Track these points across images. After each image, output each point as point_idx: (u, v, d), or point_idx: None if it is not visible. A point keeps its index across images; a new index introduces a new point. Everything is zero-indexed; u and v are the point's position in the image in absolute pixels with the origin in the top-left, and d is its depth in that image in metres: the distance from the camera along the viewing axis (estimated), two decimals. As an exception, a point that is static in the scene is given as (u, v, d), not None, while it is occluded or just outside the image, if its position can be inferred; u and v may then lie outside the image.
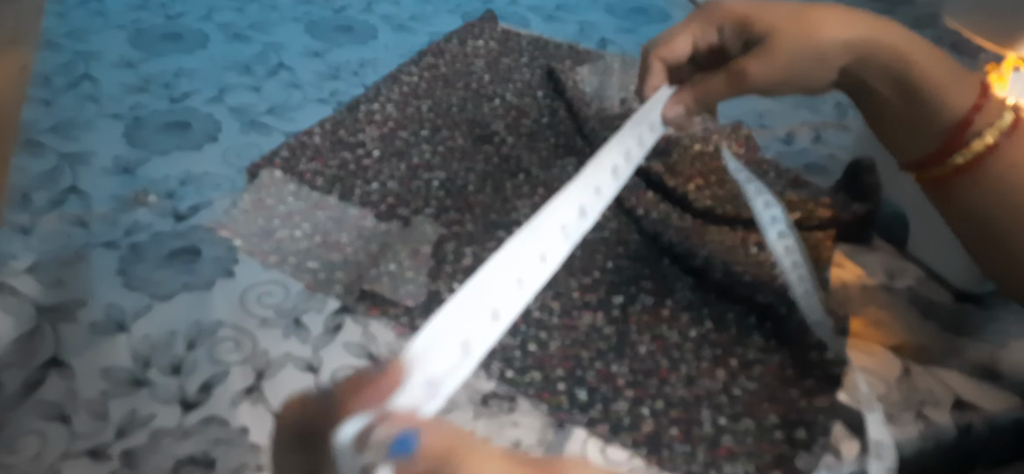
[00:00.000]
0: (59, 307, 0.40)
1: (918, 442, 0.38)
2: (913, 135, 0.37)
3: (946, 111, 0.35)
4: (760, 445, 0.36)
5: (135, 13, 0.71)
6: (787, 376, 0.40)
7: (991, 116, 0.35)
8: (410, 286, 0.43)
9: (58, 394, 0.36)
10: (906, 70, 0.35)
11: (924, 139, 0.36)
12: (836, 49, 0.36)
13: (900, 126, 0.37)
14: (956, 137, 0.35)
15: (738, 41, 0.38)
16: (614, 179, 0.34)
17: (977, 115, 0.35)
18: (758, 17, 0.37)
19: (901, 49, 0.36)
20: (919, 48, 0.36)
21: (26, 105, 0.56)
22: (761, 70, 0.36)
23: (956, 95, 0.35)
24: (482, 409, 0.37)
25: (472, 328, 0.24)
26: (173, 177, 0.51)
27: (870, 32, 0.36)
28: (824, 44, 0.36)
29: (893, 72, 0.36)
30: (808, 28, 0.36)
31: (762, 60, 0.36)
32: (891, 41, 0.36)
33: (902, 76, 0.36)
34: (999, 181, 0.35)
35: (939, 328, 0.44)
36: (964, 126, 0.35)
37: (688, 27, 0.38)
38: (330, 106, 0.60)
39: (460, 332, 0.24)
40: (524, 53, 0.70)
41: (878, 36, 0.36)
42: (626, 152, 0.35)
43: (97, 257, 0.44)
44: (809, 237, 0.48)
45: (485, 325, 0.25)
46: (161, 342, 0.39)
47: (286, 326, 0.41)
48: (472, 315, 0.24)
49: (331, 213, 0.49)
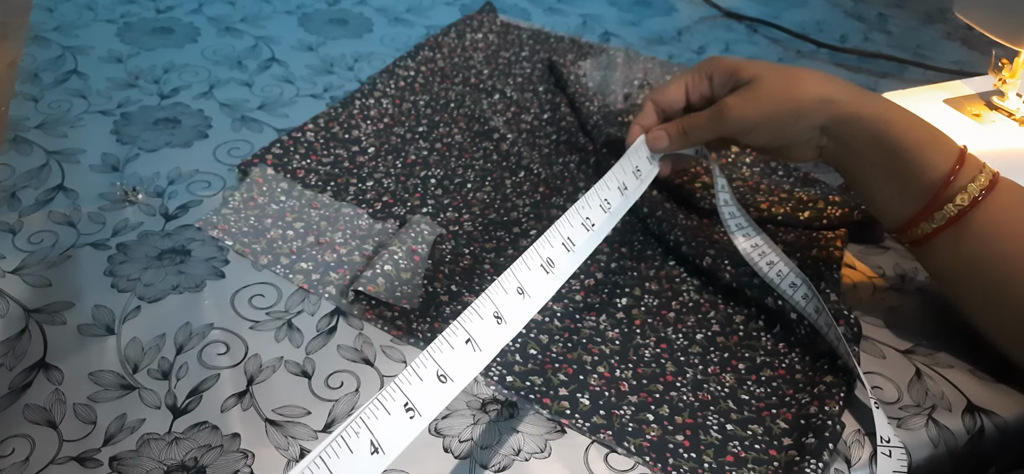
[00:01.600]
0: (47, 309, 0.39)
1: (929, 446, 0.37)
2: (897, 195, 0.39)
3: (928, 170, 0.38)
4: (768, 451, 0.35)
5: (124, 7, 0.70)
6: (797, 380, 0.39)
7: (971, 173, 0.38)
8: (406, 288, 0.42)
9: (46, 398, 0.35)
10: (885, 130, 0.38)
11: (908, 199, 0.39)
12: (814, 104, 0.39)
13: (884, 186, 0.40)
14: (939, 195, 0.38)
15: (725, 88, 0.42)
16: (605, 215, 0.37)
17: (958, 172, 0.37)
18: (745, 67, 0.41)
19: (880, 110, 0.39)
20: (897, 111, 0.39)
21: (14, 101, 0.55)
22: (741, 107, 0.40)
23: (936, 154, 0.38)
24: (481, 414, 0.36)
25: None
26: (162, 175, 0.50)
27: (848, 95, 0.39)
28: (804, 98, 0.39)
29: (872, 132, 0.38)
30: (790, 81, 0.40)
31: (743, 99, 0.40)
32: (869, 104, 0.39)
33: (882, 136, 0.38)
34: (984, 233, 0.37)
35: (951, 330, 0.43)
36: (946, 183, 0.37)
37: (682, 77, 0.44)
38: (324, 101, 0.59)
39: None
40: (524, 46, 0.69)
41: (855, 99, 0.39)
42: (602, 202, 0.38)
43: (85, 257, 0.43)
44: (819, 237, 0.47)
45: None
46: (150, 345, 0.38)
47: (278, 329, 0.40)
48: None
49: (325, 212, 0.48)
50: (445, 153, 0.55)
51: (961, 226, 0.38)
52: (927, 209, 0.38)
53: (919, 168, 0.38)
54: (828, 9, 0.86)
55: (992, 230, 0.37)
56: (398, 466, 0.34)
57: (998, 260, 0.37)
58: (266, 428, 0.35)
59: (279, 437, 0.34)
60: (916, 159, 0.38)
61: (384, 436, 0.27)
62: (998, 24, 0.52)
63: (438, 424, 0.36)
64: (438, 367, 0.29)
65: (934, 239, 0.39)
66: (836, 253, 0.45)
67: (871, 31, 0.81)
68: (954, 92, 0.56)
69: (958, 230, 0.38)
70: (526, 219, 0.47)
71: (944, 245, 0.39)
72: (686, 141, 0.42)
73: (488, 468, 0.34)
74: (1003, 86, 0.55)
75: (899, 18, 0.85)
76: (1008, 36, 0.51)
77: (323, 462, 0.26)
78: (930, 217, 0.38)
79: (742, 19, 0.81)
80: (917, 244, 0.40)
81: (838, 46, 0.76)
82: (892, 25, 0.83)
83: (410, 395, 0.28)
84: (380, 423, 0.27)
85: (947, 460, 0.38)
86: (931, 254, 0.40)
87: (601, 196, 0.38)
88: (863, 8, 0.87)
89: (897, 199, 0.39)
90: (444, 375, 0.29)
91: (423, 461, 0.34)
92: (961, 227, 0.38)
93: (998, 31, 0.52)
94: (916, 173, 0.38)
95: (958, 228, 0.38)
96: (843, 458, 0.36)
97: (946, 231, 0.38)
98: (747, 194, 0.51)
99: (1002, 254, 0.37)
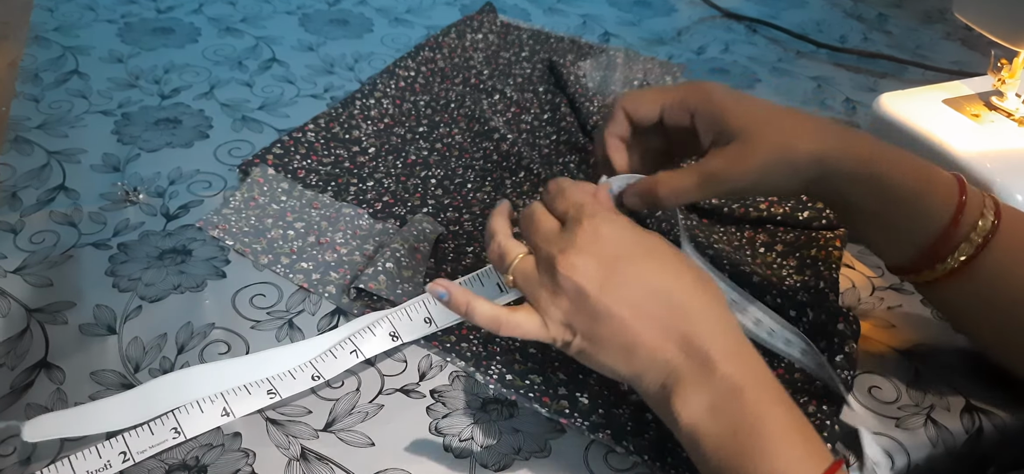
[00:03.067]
0: (48, 309, 0.39)
1: (928, 446, 0.37)
2: (898, 245, 0.37)
3: (928, 219, 0.35)
4: (767, 451, 0.35)
5: (125, 7, 0.70)
6: (796, 379, 0.39)
7: (975, 213, 0.35)
8: (408, 286, 0.42)
9: (48, 398, 0.35)
10: (878, 179, 0.35)
11: (909, 248, 0.36)
12: (809, 162, 0.35)
13: (883, 236, 0.37)
14: (943, 244, 0.35)
15: (709, 134, 0.37)
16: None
17: (961, 215, 0.35)
18: (734, 114, 0.36)
19: (875, 163, 0.36)
20: (893, 160, 0.36)
21: (15, 101, 0.56)
22: (731, 171, 0.36)
23: (935, 200, 0.35)
24: (482, 414, 0.36)
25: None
26: (163, 175, 0.50)
27: (840, 143, 0.36)
28: (798, 155, 0.35)
29: (868, 184, 0.36)
30: (782, 138, 0.35)
31: (735, 163, 0.36)
32: (860, 151, 0.36)
33: (875, 184, 0.35)
34: (997, 270, 0.35)
35: (950, 330, 0.43)
36: (948, 234, 0.35)
37: (662, 93, 0.39)
38: (324, 102, 0.59)
39: None
40: (524, 47, 0.69)
41: (847, 147, 0.36)
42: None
43: (86, 257, 0.43)
44: (819, 236, 0.47)
45: None
46: (151, 345, 0.38)
47: (279, 328, 0.40)
48: None
49: (325, 212, 0.48)
50: (445, 153, 0.55)
51: (970, 271, 0.35)
52: (929, 258, 0.36)
53: (918, 219, 0.35)
54: (828, 9, 0.86)
55: (1006, 267, 0.35)
56: (398, 465, 0.34)
57: (1015, 299, 0.35)
58: (267, 427, 0.35)
59: (280, 436, 0.35)
60: (914, 210, 0.35)
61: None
62: (997, 24, 0.52)
63: (438, 423, 0.36)
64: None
65: (941, 283, 0.36)
66: (835, 253, 0.46)
67: (871, 31, 0.81)
68: (953, 92, 0.56)
69: (967, 276, 0.35)
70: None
71: (953, 290, 0.36)
72: (663, 205, 0.38)
73: (488, 468, 0.34)
74: (1002, 86, 0.55)
75: (899, 18, 0.85)
76: (1007, 36, 0.52)
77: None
78: (933, 267, 0.36)
79: (742, 19, 0.81)
80: (923, 287, 0.38)
81: (838, 46, 0.76)
82: (892, 25, 0.83)
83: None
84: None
85: (946, 460, 0.38)
86: (940, 296, 0.38)
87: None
88: (863, 8, 0.87)
89: (896, 249, 0.37)
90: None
91: (423, 460, 0.34)
92: (970, 272, 0.35)
93: (997, 31, 0.52)
94: (914, 225, 0.36)
95: (967, 274, 0.35)
96: (842, 457, 0.36)
97: (953, 278, 0.36)
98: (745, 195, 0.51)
99: (1020, 290, 0.35)
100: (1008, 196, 0.47)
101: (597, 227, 0.31)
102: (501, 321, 0.32)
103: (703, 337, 0.30)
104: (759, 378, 0.30)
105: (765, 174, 0.36)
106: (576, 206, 0.33)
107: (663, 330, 0.30)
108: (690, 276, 0.32)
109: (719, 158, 0.36)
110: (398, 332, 0.38)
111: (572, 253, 0.31)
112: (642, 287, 0.31)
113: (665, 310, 0.30)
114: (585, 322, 0.31)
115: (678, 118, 0.38)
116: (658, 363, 0.30)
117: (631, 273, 0.31)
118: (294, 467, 0.33)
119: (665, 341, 0.30)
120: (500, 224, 0.35)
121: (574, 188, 0.34)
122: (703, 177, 0.36)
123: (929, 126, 0.52)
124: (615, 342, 0.31)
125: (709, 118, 0.37)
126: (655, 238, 0.33)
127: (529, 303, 0.32)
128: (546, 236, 0.32)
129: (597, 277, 0.30)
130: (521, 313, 0.32)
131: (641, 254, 0.31)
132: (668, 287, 0.31)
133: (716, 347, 0.29)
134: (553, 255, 0.31)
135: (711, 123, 0.37)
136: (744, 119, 0.36)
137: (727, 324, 0.31)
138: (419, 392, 0.37)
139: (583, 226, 0.31)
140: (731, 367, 0.29)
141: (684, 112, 0.38)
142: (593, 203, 0.33)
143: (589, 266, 0.31)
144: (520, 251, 0.33)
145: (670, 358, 0.30)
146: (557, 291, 0.31)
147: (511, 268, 0.33)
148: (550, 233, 0.32)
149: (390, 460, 0.34)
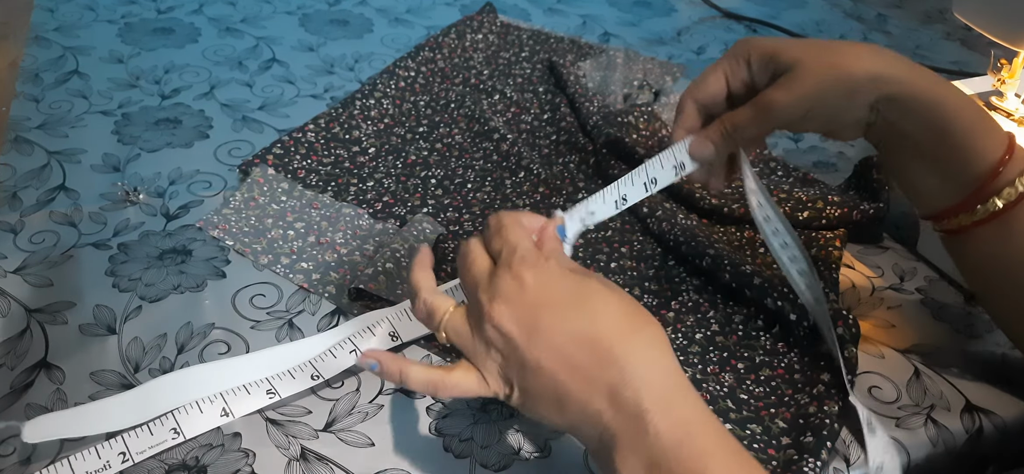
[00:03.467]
0: (48, 309, 0.39)
1: (928, 446, 0.37)
2: (942, 182, 0.36)
3: (977, 157, 0.35)
4: (767, 451, 0.35)
5: (125, 7, 0.70)
6: (796, 380, 0.39)
7: (1020, 165, 0.35)
8: (407, 286, 0.42)
9: (48, 398, 0.35)
10: (938, 110, 0.35)
11: (953, 186, 0.36)
12: (865, 83, 0.35)
13: (929, 172, 0.37)
14: (986, 185, 0.35)
15: (766, 74, 0.37)
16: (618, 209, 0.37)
17: (1007, 163, 0.35)
18: (785, 49, 0.36)
19: (933, 89, 0.35)
20: (950, 91, 0.35)
21: (15, 101, 0.56)
22: (787, 99, 0.35)
23: (986, 142, 0.35)
24: (481, 414, 0.36)
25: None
26: (163, 175, 0.50)
27: (901, 70, 0.35)
28: (854, 76, 0.35)
29: (924, 111, 0.35)
30: (837, 60, 0.35)
31: (788, 90, 0.36)
32: (923, 81, 0.35)
33: (933, 116, 0.35)
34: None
35: (950, 330, 0.44)
36: (994, 174, 0.35)
37: (718, 66, 0.38)
38: (324, 102, 0.59)
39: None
40: (524, 47, 0.69)
41: (909, 75, 0.35)
42: (644, 184, 0.37)
43: (86, 257, 0.43)
44: (818, 237, 0.47)
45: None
46: (151, 345, 0.38)
47: (279, 328, 0.40)
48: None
49: (325, 212, 0.48)
50: (445, 153, 0.55)
51: (1003, 222, 0.35)
52: (970, 200, 0.35)
53: (967, 156, 0.35)
54: (827, 10, 0.86)
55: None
56: (398, 465, 0.34)
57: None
58: (267, 427, 0.35)
59: (280, 436, 0.35)
60: (965, 146, 0.35)
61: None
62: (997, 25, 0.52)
63: (438, 423, 0.36)
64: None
65: (972, 231, 0.36)
66: (835, 253, 0.46)
67: (870, 31, 0.81)
68: (953, 93, 0.56)
69: (999, 226, 0.35)
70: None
71: (982, 240, 0.36)
72: (732, 144, 0.38)
73: (488, 468, 0.34)
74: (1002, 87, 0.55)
75: (898, 18, 0.85)
76: (1007, 37, 0.52)
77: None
78: (972, 209, 0.35)
79: (741, 20, 0.81)
80: (952, 234, 0.37)
81: (837, 47, 0.76)
82: (891, 26, 0.83)
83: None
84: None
85: (946, 459, 0.38)
86: (966, 247, 0.37)
87: (649, 175, 0.37)
88: (862, 8, 0.87)
89: (939, 187, 0.37)
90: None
91: (423, 460, 0.34)
92: (1003, 223, 0.35)
93: (997, 32, 0.52)
94: (963, 161, 0.35)
95: (1000, 223, 0.35)
96: (842, 457, 0.36)
97: (986, 225, 0.35)
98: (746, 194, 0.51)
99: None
100: (1008, 196, 0.47)
101: (523, 274, 0.29)
102: (437, 385, 0.30)
103: (632, 387, 0.28)
104: (697, 425, 0.28)
105: (820, 98, 0.35)
106: (509, 248, 0.30)
107: (589, 382, 0.28)
108: (620, 320, 0.29)
109: (774, 89, 0.36)
110: (397, 332, 0.38)
111: (499, 302, 0.29)
112: (567, 336, 0.29)
113: (590, 360, 0.28)
114: (518, 374, 0.30)
115: (740, 74, 0.38)
116: (590, 416, 0.28)
117: (557, 322, 0.29)
118: (294, 467, 0.33)
119: (593, 393, 0.28)
120: (422, 278, 0.33)
121: (512, 227, 0.31)
122: (761, 108, 0.36)
123: (929, 126, 0.52)
124: (547, 395, 0.29)
125: (763, 60, 0.37)
126: (586, 281, 0.30)
127: (466, 358, 0.31)
128: (475, 280, 0.31)
129: (524, 327, 0.29)
130: (458, 372, 0.30)
131: (566, 301, 0.29)
132: (593, 335, 0.29)
133: (648, 398, 0.27)
134: (482, 304, 0.30)
135: (766, 63, 0.37)
136: (797, 50, 0.36)
137: (660, 367, 0.29)
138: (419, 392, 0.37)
139: (511, 271, 0.30)
140: (665, 421, 0.27)
141: (743, 66, 0.38)
142: (525, 246, 0.30)
143: (515, 315, 0.29)
144: (448, 306, 0.31)
145: (601, 411, 0.28)
146: (489, 343, 0.30)
147: (441, 326, 0.31)
148: (480, 277, 0.31)
149: (390, 460, 0.34)
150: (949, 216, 0.37)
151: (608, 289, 0.30)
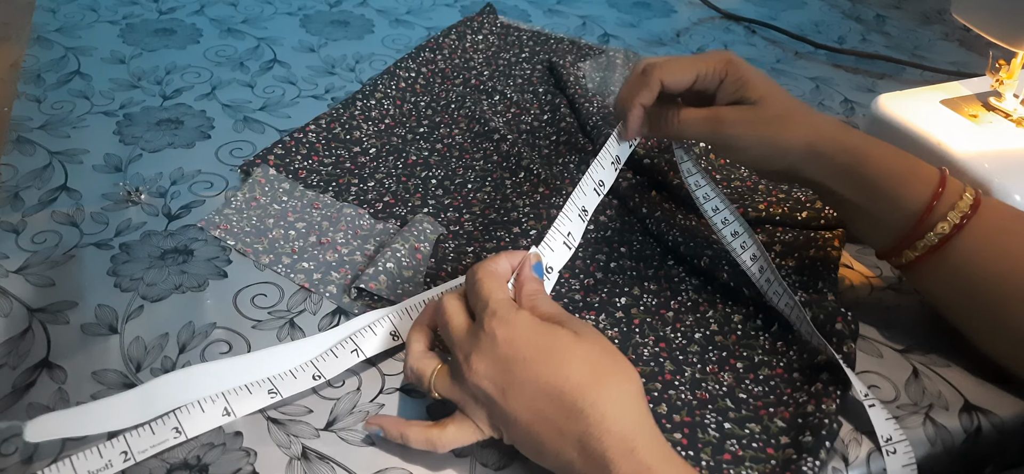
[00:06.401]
0: (50, 308, 0.40)
1: (927, 445, 0.38)
2: (875, 228, 0.40)
3: (906, 202, 0.38)
4: (766, 450, 0.36)
5: (127, 8, 0.70)
6: (795, 379, 0.39)
7: (952, 199, 0.38)
8: (408, 285, 0.42)
9: (49, 397, 0.35)
10: (860, 167, 0.39)
11: (886, 231, 0.39)
12: (802, 151, 0.39)
13: (862, 220, 0.40)
14: (919, 224, 0.38)
15: (729, 95, 0.41)
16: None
17: (937, 203, 0.38)
18: (755, 85, 0.40)
19: (856, 147, 0.39)
20: (875, 146, 0.39)
21: (17, 102, 0.56)
22: (739, 125, 0.40)
23: (914, 187, 0.38)
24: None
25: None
26: (165, 175, 0.50)
27: (829, 132, 0.39)
28: (792, 142, 0.39)
29: (846, 167, 0.39)
30: (787, 118, 0.40)
31: (742, 117, 0.40)
32: (846, 140, 0.39)
33: (856, 172, 0.39)
34: (973, 257, 0.37)
35: (948, 329, 0.44)
36: (926, 213, 0.38)
37: (695, 64, 0.41)
38: (325, 103, 0.60)
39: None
40: (524, 48, 0.69)
41: (835, 136, 0.39)
42: (594, 190, 0.41)
43: (88, 257, 0.43)
44: (817, 237, 0.47)
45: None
46: (153, 344, 0.38)
47: (280, 328, 0.40)
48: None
49: (326, 212, 0.48)
50: (446, 154, 0.55)
51: (945, 252, 0.38)
52: (908, 238, 0.39)
53: (896, 203, 0.38)
54: (826, 10, 0.86)
55: (980, 253, 0.37)
56: (398, 465, 0.34)
57: (991, 282, 0.37)
58: (268, 427, 0.35)
59: (281, 435, 0.35)
60: (891, 193, 0.38)
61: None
62: (996, 25, 0.52)
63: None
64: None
65: (917, 265, 0.39)
66: (833, 253, 0.46)
67: (869, 32, 0.82)
68: (951, 93, 0.57)
69: (943, 256, 0.38)
70: (526, 219, 0.47)
71: (930, 270, 0.39)
72: (672, 133, 0.42)
73: (488, 467, 0.34)
74: (1000, 87, 0.55)
75: (897, 19, 0.85)
76: (1005, 37, 0.52)
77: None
78: (912, 246, 0.39)
79: (740, 21, 0.82)
80: (903, 268, 0.41)
81: (836, 47, 0.76)
82: (890, 26, 0.83)
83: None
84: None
85: (944, 459, 0.38)
86: (920, 279, 0.41)
87: (595, 179, 0.41)
88: (861, 9, 0.87)
89: (875, 232, 0.40)
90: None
91: (423, 460, 0.34)
92: (945, 252, 0.38)
93: (996, 32, 0.52)
94: (892, 208, 0.38)
95: (943, 254, 0.38)
96: (840, 456, 0.36)
97: (930, 258, 0.38)
98: (745, 194, 0.51)
99: (994, 276, 0.37)
100: (1006, 196, 0.47)
101: (495, 330, 0.31)
102: (435, 442, 0.33)
103: (598, 437, 0.29)
104: (657, 470, 0.29)
105: (763, 141, 0.40)
106: (481, 304, 0.33)
107: (560, 433, 0.30)
108: (585, 371, 0.30)
109: (734, 111, 0.40)
110: (399, 331, 0.38)
111: (474, 359, 0.32)
112: (536, 389, 0.30)
113: (559, 412, 0.30)
114: (501, 425, 0.32)
115: (708, 84, 0.41)
116: (565, 465, 0.30)
117: (527, 376, 0.31)
118: (295, 466, 0.33)
119: (564, 444, 0.30)
120: (413, 342, 0.35)
121: (485, 281, 0.33)
122: (713, 119, 0.40)
123: (927, 127, 0.52)
124: (527, 444, 0.32)
125: (736, 83, 0.40)
126: (554, 334, 0.32)
127: (459, 409, 0.33)
128: (454, 338, 0.33)
129: (499, 383, 0.31)
130: (452, 426, 0.33)
131: (535, 354, 0.31)
132: (560, 387, 0.30)
133: (612, 447, 0.29)
134: (460, 362, 0.32)
135: (736, 87, 0.40)
136: (764, 91, 0.40)
137: (626, 413, 0.30)
138: (419, 392, 0.37)
139: (485, 329, 0.32)
140: (629, 465, 0.29)
141: (715, 79, 0.41)
142: (497, 300, 0.32)
143: (490, 372, 0.31)
144: (434, 366, 0.34)
145: (573, 460, 0.30)
146: (474, 397, 0.32)
147: (431, 386, 0.34)
148: (458, 334, 0.33)
149: (390, 460, 0.34)
150: (895, 254, 0.40)
151: (577, 338, 0.32)
